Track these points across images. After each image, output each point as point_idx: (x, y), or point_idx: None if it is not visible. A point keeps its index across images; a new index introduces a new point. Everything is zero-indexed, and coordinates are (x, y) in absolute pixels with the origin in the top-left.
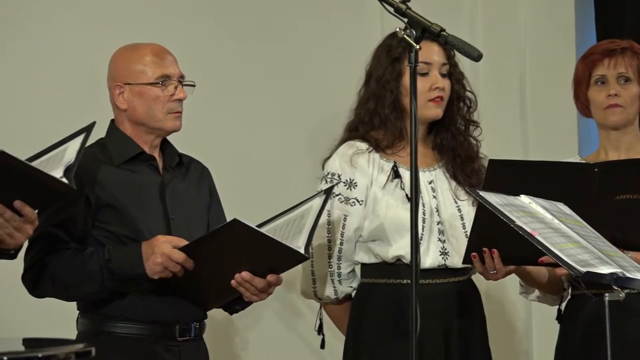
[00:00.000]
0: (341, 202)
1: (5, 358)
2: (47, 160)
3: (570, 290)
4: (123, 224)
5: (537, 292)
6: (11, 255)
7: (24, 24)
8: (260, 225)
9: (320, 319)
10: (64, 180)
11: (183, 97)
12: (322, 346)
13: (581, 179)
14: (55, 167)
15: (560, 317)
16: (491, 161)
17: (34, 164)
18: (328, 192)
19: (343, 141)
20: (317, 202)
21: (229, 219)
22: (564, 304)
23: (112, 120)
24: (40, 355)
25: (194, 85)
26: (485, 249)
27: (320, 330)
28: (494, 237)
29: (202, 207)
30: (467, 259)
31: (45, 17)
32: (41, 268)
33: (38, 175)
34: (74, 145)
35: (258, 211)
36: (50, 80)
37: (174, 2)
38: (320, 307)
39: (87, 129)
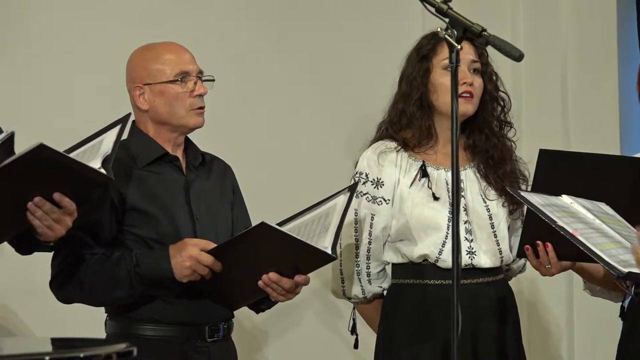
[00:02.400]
0: (368, 201)
1: (47, 358)
2: (84, 152)
3: (633, 288)
4: (149, 227)
5: (599, 289)
6: (51, 247)
7: (62, 21)
8: (283, 223)
9: (354, 319)
10: (102, 170)
11: (203, 92)
12: (356, 346)
13: (636, 175)
14: (93, 158)
15: (623, 315)
16: (542, 151)
17: (71, 155)
18: (352, 189)
19: (373, 141)
20: (342, 199)
21: (265, 218)
22: (626, 302)
23: (133, 122)
24: (82, 355)
25: (213, 80)
26: (539, 242)
27: (353, 330)
28: (548, 232)
29: (226, 206)
30: (520, 251)
31: (87, 15)
32: (69, 274)
33: (76, 167)
34: (110, 137)
35: (294, 211)
36: (89, 80)
37: (215, 1)
38: (354, 307)
39: (123, 120)
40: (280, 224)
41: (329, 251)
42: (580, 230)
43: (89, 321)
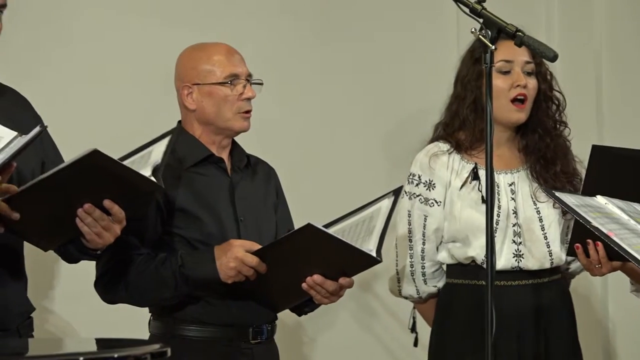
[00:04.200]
0: (421, 203)
1: (81, 358)
2: (132, 162)
3: None
4: (194, 228)
5: None
6: (97, 255)
7: (100, 23)
8: (327, 226)
9: (414, 317)
10: (152, 178)
11: (252, 95)
12: (415, 344)
13: None
14: (143, 167)
15: None
16: (595, 147)
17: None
18: (397, 193)
19: (430, 142)
20: (386, 203)
21: (304, 220)
22: None
23: (179, 122)
24: (116, 355)
25: (261, 84)
26: (589, 240)
27: (413, 328)
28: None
29: (270, 208)
30: (571, 250)
31: (123, 17)
32: (114, 275)
33: (128, 174)
34: (160, 147)
35: (334, 212)
36: (127, 80)
37: (254, 1)
38: (414, 307)
39: (173, 132)
40: (325, 226)
41: (374, 254)
42: (614, 231)
43: (134, 322)
